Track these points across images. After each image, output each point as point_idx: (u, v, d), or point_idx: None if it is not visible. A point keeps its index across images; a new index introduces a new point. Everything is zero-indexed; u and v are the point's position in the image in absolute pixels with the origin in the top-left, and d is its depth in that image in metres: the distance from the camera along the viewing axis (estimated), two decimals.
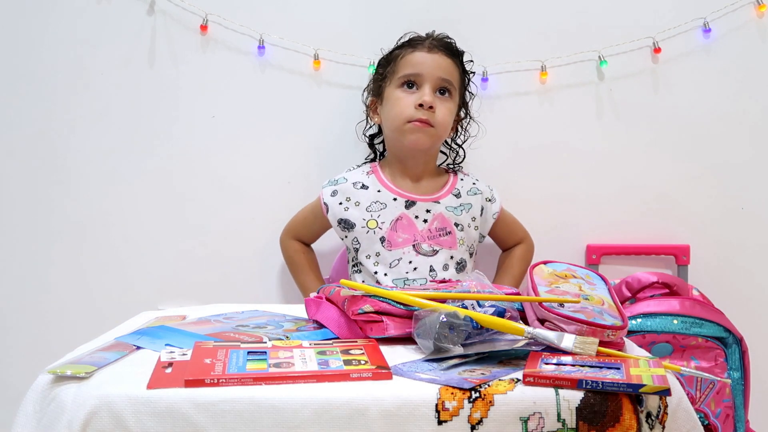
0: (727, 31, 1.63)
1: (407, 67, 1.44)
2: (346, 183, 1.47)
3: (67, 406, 0.71)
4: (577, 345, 0.81)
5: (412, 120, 1.41)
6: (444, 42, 1.47)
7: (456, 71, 1.47)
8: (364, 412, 0.70)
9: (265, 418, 0.70)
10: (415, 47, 1.46)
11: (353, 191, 1.46)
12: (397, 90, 1.44)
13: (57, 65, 1.64)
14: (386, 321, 0.92)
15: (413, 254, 1.41)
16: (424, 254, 1.42)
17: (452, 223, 1.44)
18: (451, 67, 1.46)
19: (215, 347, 0.84)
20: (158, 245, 1.67)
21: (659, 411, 0.73)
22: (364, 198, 1.45)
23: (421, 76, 1.43)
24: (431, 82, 1.42)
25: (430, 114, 1.41)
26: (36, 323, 1.68)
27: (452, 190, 1.48)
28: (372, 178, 1.48)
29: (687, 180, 1.66)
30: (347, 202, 1.45)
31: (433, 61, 1.44)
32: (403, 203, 1.44)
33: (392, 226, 1.42)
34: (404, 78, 1.44)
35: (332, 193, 1.47)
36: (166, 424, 0.69)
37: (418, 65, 1.44)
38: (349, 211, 1.45)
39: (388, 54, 1.50)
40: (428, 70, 1.43)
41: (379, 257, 1.41)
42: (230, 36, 1.63)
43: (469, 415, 0.71)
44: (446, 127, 1.45)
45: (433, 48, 1.45)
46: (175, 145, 1.65)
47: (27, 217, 1.67)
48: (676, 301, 1.45)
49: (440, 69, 1.43)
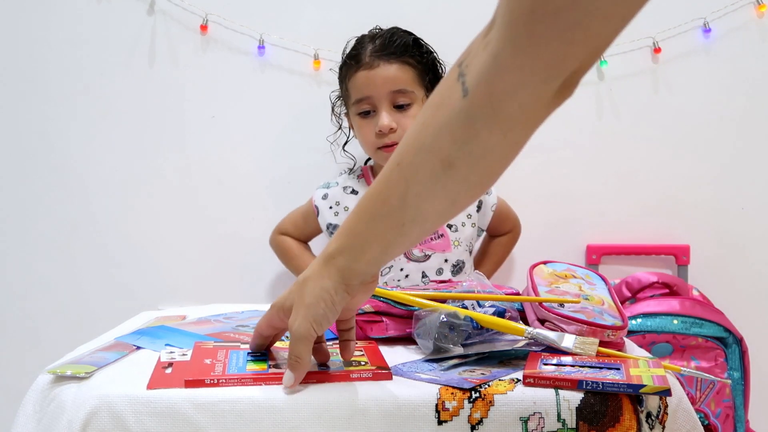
0: (727, 31, 1.63)
1: (356, 92, 1.37)
2: (337, 187, 1.46)
3: (67, 406, 0.71)
4: (577, 345, 0.81)
5: (379, 147, 1.36)
6: (386, 46, 1.36)
7: (408, 71, 1.36)
8: (364, 412, 0.70)
9: (265, 418, 0.70)
10: (358, 64, 1.36)
11: (343, 196, 1.45)
12: (356, 117, 1.39)
13: (57, 65, 1.64)
14: (386, 321, 0.92)
15: (404, 261, 1.39)
16: (415, 260, 1.40)
17: (444, 225, 1.43)
18: (401, 71, 1.35)
19: (215, 347, 0.84)
20: (158, 245, 1.67)
21: (659, 411, 0.73)
22: (353, 203, 1.42)
23: (371, 99, 1.35)
24: (384, 102, 1.34)
25: (394, 135, 1.35)
26: (36, 323, 1.68)
27: None
28: (362, 182, 1.47)
29: (687, 180, 1.66)
30: (337, 206, 1.44)
31: (379, 77, 1.34)
32: None
33: None
34: (357, 105, 1.37)
35: (323, 196, 1.46)
36: (166, 424, 0.69)
37: (364, 88, 1.35)
38: (338, 216, 1.44)
39: (339, 72, 1.44)
40: (377, 90, 1.34)
41: None
42: (230, 36, 1.63)
43: (469, 416, 0.71)
44: None
45: (374, 61, 1.35)
46: (174, 145, 1.65)
47: (26, 217, 1.67)
48: (676, 301, 1.45)
49: (388, 83, 1.34)
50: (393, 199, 0.68)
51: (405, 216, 0.68)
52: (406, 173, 0.67)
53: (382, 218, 0.69)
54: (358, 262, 0.71)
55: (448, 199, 0.68)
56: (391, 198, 0.69)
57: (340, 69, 1.44)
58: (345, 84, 1.41)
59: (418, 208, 0.68)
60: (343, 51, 1.45)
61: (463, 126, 0.64)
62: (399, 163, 0.68)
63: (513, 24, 0.58)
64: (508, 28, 0.58)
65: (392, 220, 0.69)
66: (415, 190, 0.67)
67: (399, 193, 0.68)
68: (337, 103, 1.51)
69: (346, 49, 1.44)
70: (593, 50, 0.59)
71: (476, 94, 0.62)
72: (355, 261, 0.71)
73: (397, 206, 0.68)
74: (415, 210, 0.68)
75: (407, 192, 0.68)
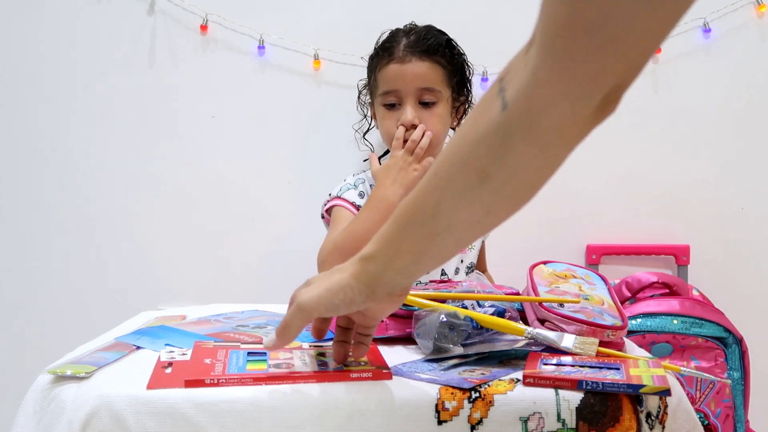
0: (727, 31, 1.63)
1: (384, 84, 1.37)
2: (365, 183, 1.42)
3: (67, 406, 0.71)
4: (577, 345, 0.81)
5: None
6: (420, 43, 1.37)
7: (438, 71, 1.37)
8: (364, 412, 0.70)
9: (265, 418, 0.69)
10: (390, 57, 1.37)
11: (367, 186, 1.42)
12: (381, 108, 1.39)
13: (57, 65, 1.64)
14: (386, 321, 0.92)
15: None
16: None
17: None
18: (431, 69, 1.36)
19: (215, 347, 0.84)
20: (158, 245, 1.67)
21: (659, 411, 0.73)
22: None
23: (399, 93, 1.35)
24: (411, 97, 1.35)
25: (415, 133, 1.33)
26: (36, 323, 1.68)
27: None
28: None
29: (687, 180, 1.66)
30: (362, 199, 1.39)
31: (410, 73, 1.35)
32: None
33: None
34: (384, 96, 1.37)
35: (360, 194, 1.40)
36: (166, 424, 0.69)
37: (393, 81, 1.36)
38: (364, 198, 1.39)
39: (369, 62, 1.44)
40: (405, 85, 1.35)
41: None
42: (230, 36, 1.63)
43: (469, 415, 0.71)
44: (439, 134, 1.37)
45: (407, 56, 1.35)
46: (174, 145, 1.65)
47: (26, 217, 1.67)
48: (676, 301, 1.45)
49: (418, 79, 1.35)
50: (427, 207, 0.69)
51: (438, 225, 0.69)
52: (441, 183, 0.68)
53: (415, 227, 0.70)
54: (388, 269, 0.71)
55: (483, 210, 0.68)
56: (426, 207, 0.69)
57: (371, 59, 1.44)
58: (374, 74, 1.41)
59: (451, 217, 0.68)
60: (376, 42, 1.44)
61: (500, 139, 0.64)
62: (436, 173, 0.68)
63: (550, 40, 0.58)
64: (545, 44, 0.59)
65: (426, 229, 0.69)
66: (449, 200, 0.67)
67: (433, 202, 0.68)
68: (363, 92, 1.51)
69: (379, 41, 1.43)
70: (632, 65, 0.59)
71: (514, 108, 0.63)
72: (386, 268, 0.71)
73: (430, 215, 0.68)
74: (448, 219, 0.68)
75: (441, 201, 0.68)
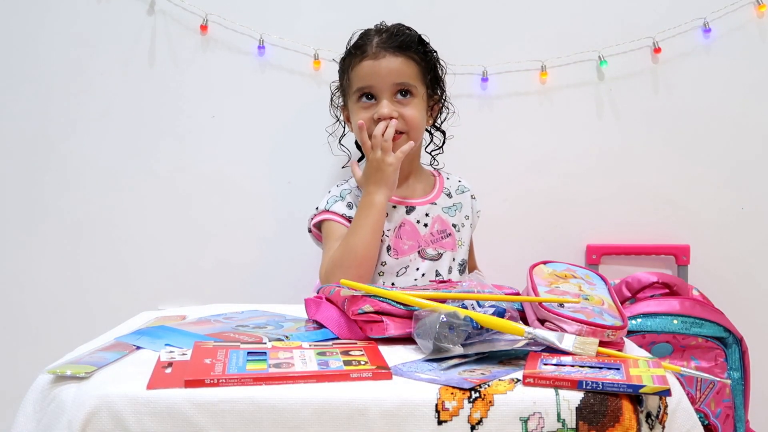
0: (727, 31, 1.63)
1: (358, 80, 1.36)
2: (351, 193, 1.40)
3: (67, 406, 0.71)
4: (577, 345, 0.81)
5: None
6: (392, 39, 1.36)
7: (412, 66, 1.36)
8: (364, 412, 0.70)
9: (265, 418, 0.70)
10: (363, 54, 1.36)
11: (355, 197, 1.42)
12: (355, 106, 1.38)
13: (57, 65, 1.64)
14: (386, 321, 0.92)
15: (419, 260, 1.37)
16: (430, 259, 1.38)
17: (450, 224, 1.40)
18: (405, 65, 1.35)
19: (215, 347, 0.84)
20: (158, 245, 1.67)
21: (659, 411, 0.73)
22: None
23: (373, 88, 1.35)
24: (386, 92, 1.34)
25: None
26: (36, 323, 1.68)
27: (443, 189, 1.43)
28: None
29: (687, 180, 1.66)
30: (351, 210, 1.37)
31: (384, 68, 1.34)
32: (404, 209, 1.38)
33: (396, 234, 1.36)
34: (359, 93, 1.36)
35: (348, 205, 1.38)
36: (166, 424, 0.69)
37: (367, 77, 1.34)
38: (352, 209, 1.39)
39: (341, 63, 1.43)
40: (379, 80, 1.34)
41: (385, 267, 1.35)
42: (230, 36, 1.63)
43: (469, 415, 0.71)
44: (417, 127, 1.36)
45: (380, 52, 1.35)
46: (174, 145, 1.65)
47: (27, 218, 1.67)
48: (676, 301, 1.45)
49: (392, 74, 1.34)
50: None
51: None
52: None
53: None
54: None
55: None
56: None
57: (342, 60, 1.43)
58: (347, 74, 1.40)
59: None
60: (347, 43, 1.43)
61: None
62: None
63: None
64: None
65: None
66: None
67: None
68: (336, 95, 1.50)
69: (351, 41, 1.42)
70: None
71: None
72: None
73: None
74: None
75: None
